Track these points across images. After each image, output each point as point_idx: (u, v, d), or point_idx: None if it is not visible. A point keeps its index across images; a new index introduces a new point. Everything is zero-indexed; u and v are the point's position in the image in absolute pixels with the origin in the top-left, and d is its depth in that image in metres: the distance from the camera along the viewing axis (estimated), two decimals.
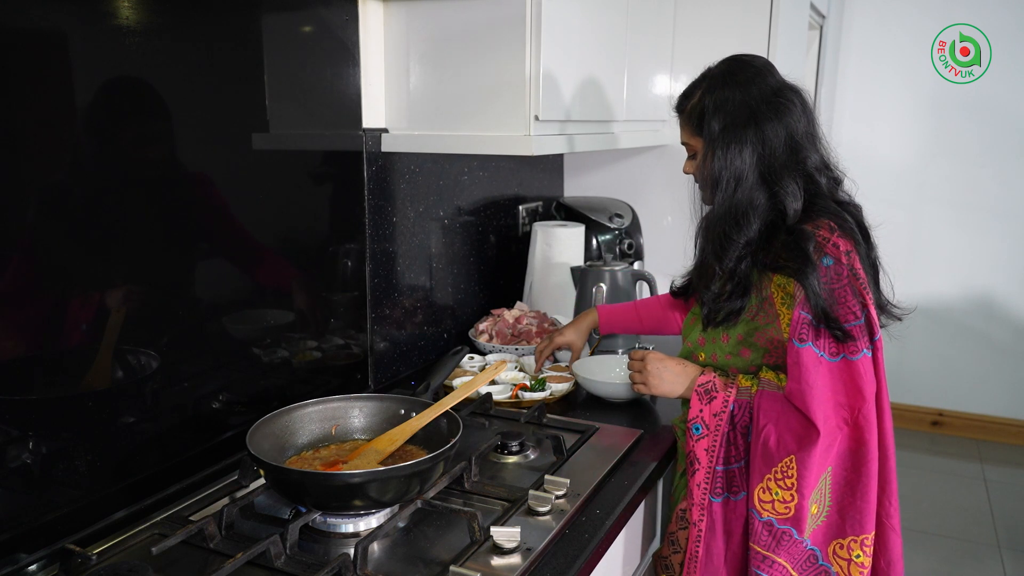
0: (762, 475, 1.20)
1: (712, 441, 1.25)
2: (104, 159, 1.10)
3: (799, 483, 1.16)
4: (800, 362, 1.17)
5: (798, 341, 1.18)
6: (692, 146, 1.32)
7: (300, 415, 1.26)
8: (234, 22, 1.27)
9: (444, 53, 1.59)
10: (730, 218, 1.23)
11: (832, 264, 1.18)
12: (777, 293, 1.23)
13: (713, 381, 1.27)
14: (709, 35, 2.28)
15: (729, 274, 1.26)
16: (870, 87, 3.69)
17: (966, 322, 3.76)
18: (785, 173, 1.22)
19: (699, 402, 1.27)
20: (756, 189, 1.23)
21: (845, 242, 1.20)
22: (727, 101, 1.24)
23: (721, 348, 1.32)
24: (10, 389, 1.01)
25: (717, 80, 1.27)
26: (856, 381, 1.17)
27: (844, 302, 1.17)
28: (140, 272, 1.16)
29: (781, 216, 1.23)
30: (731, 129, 1.23)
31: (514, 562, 1.01)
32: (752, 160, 1.22)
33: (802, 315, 1.18)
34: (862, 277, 1.19)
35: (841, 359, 1.18)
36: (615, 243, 2.25)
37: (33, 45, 0.98)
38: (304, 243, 1.50)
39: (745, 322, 1.28)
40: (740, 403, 1.25)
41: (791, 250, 1.19)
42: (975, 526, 3.04)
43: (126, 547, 1.06)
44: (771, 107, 1.23)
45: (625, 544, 1.33)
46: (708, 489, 1.25)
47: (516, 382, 1.66)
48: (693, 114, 1.29)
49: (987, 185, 3.63)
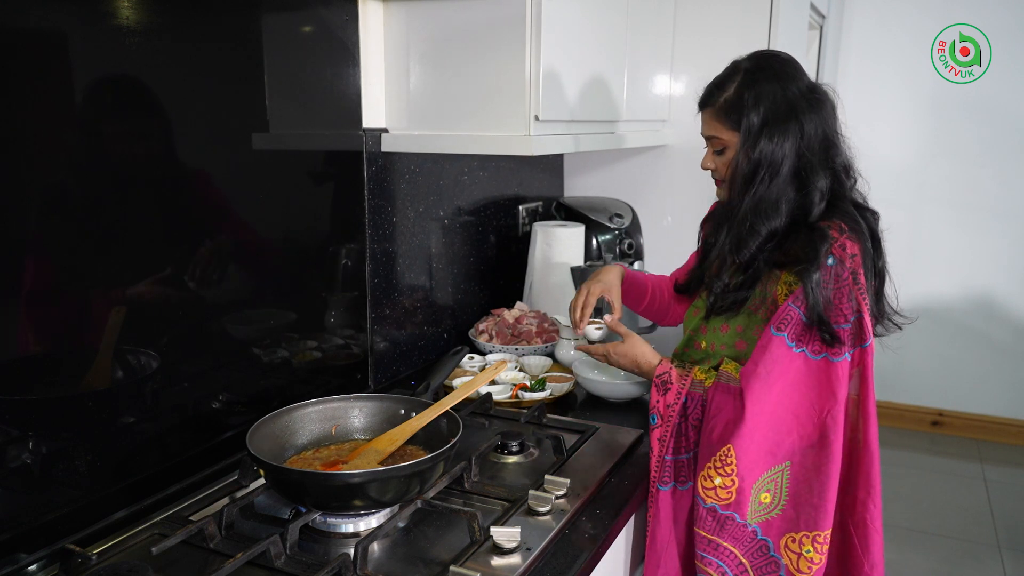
0: (704, 463, 1.22)
1: (664, 431, 1.28)
2: (105, 159, 1.09)
3: (738, 467, 1.18)
4: (768, 348, 1.20)
5: (775, 329, 1.20)
6: (721, 140, 1.30)
7: (300, 415, 1.26)
8: (234, 22, 1.27)
9: (444, 53, 1.59)
10: (760, 210, 1.24)
11: (835, 264, 1.19)
12: (782, 290, 1.24)
13: (669, 373, 1.30)
14: (709, 35, 2.28)
15: (743, 265, 1.27)
16: (870, 87, 3.69)
17: (966, 322, 3.76)
18: (818, 169, 1.23)
19: (656, 392, 1.30)
20: (788, 184, 1.24)
21: (852, 244, 1.20)
22: (768, 95, 1.23)
23: (719, 337, 1.34)
24: (10, 389, 1.01)
25: (754, 74, 1.26)
26: (831, 383, 1.19)
27: (838, 304, 1.18)
28: (140, 272, 1.16)
29: (804, 214, 1.24)
30: (774, 122, 1.22)
31: (514, 562, 1.01)
32: (792, 154, 1.22)
33: (790, 308, 1.20)
34: (862, 283, 1.20)
35: (822, 358, 1.19)
36: (615, 243, 2.25)
37: (33, 45, 0.98)
38: (304, 243, 1.50)
39: (747, 314, 1.30)
40: (692, 395, 1.27)
41: (806, 248, 1.20)
42: (975, 526, 3.04)
43: (126, 547, 1.06)
44: (809, 103, 1.23)
45: (625, 544, 1.33)
46: (657, 477, 1.28)
47: (516, 382, 1.66)
48: (728, 107, 1.27)
49: (987, 185, 3.63)
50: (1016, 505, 3.21)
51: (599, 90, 1.81)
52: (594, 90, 1.78)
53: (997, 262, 3.67)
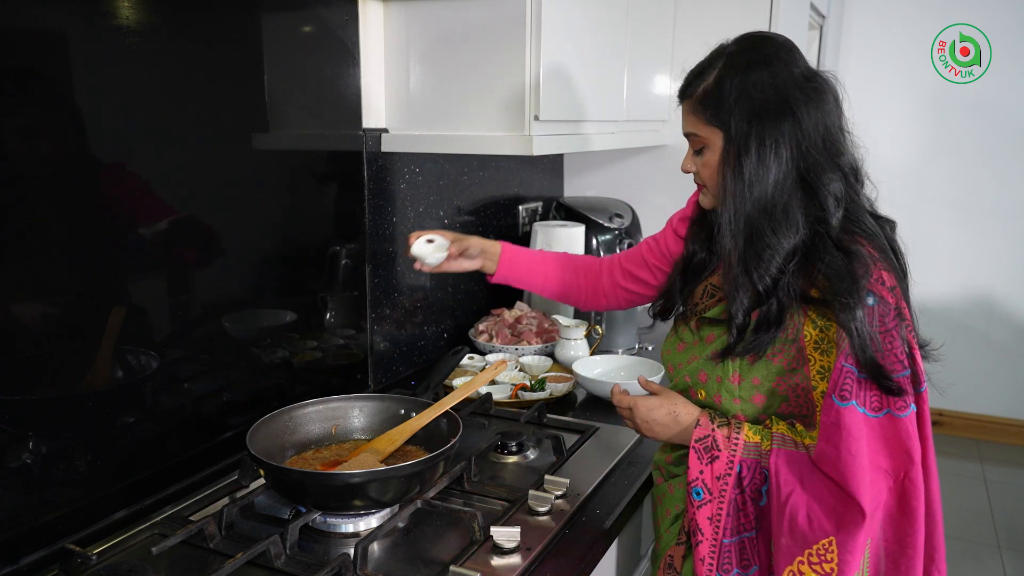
0: (793, 556, 0.99)
1: (717, 508, 1.04)
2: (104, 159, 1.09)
3: (840, 568, 0.96)
4: (842, 424, 0.95)
5: (840, 399, 0.96)
6: (701, 138, 1.07)
7: (300, 415, 1.26)
8: (234, 22, 1.27)
9: (444, 53, 1.59)
10: (773, 218, 1.00)
11: (877, 304, 0.96)
12: (811, 334, 1.01)
13: (713, 436, 1.05)
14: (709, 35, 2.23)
15: (765, 294, 1.01)
16: (870, 87, 3.69)
17: (966, 322, 3.75)
18: (827, 170, 1.01)
19: (698, 462, 1.05)
20: (795, 189, 1.01)
21: (889, 276, 0.99)
22: (754, 85, 1.00)
23: (729, 390, 1.08)
24: (10, 389, 1.01)
25: (738, 58, 1.04)
26: (904, 441, 0.97)
27: (891, 349, 0.97)
28: (140, 272, 1.16)
29: (824, 226, 1.00)
30: (762, 121, 1.00)
31: (514, 562, 1.01)
32: (790, 162, 1.00)
33: (845, 368, 0.96)
34: (908, 318, 1.00)
35: (885, 415, 0.97)
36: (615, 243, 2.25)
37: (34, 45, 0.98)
38: (304, 243, 1.50)
39: (765, 363, 1.05)
40: (747, 463, 1.03)
41: (840, 277, 0.97)
42: (975, 526, 3.04)
43: (126, 547, 1.06)
44: (805, 93, 1.00)
45: (625, 544, 1.33)
46: (715, 565, 1.05)
47: (516, 382, 1.66)
48: (706, 99, 1.04)
49: (987, 185, 3.63)
50: (1016, 505, 3.21)
51: (599, 90, 1.81)
52: (594, 90, 1.78)
53: (997, 262, 3.66)
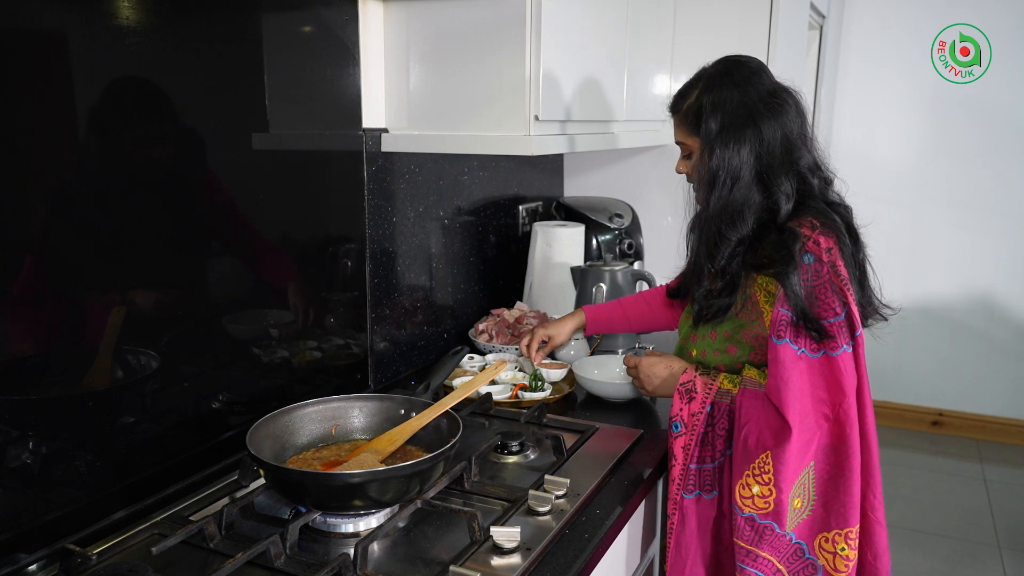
0: (741, 471, 1.22)
1: (688, 439, 1.28)
2: (104, 159, 1.09)
3: (776, 478, 1.18)
4: (777, 358, 1.19)
5: (776, 338, 1.20)
6: (688, 146, 1.34)
7: (300, 415, 1.26)
8: (234, 22, 1.27)
9: (444, 53, 1.59)
10: (726, 216, 1.25)
11: (812, 262, 1.19)
12: (760, 292, 1.26)
13: (694, 381, 1.30)
14: (709, 35, 2.28)
15: (720, 272, 1.28)
16: (870, 87, 3.69)
17: (966, 322, 3.76)
18: (780, 173, 1.25)
19: (680, 400, 1.30)
20: (752, 188, 1.25)
21: (826, 239, 1.21)
22: (725, 101, 1.26)
23: (710, 344, 1.35)
24: (10, 389, 1.01)
25: (714, 80, 1.29)
26: (837, 377, 1.19)
27: (824, 299, 1.18)
28: (140, 272, 1.16)
29: (772, 216, 1.25)
30: (730, 128, 1.25)
31: (514, 562, 1.01)
32: (750, 159, 1.24)
33: (781, 312, 1.19)
34: (843, 274, 1.20)
35: (822, 355, 1.19)
36: (615, 243, 2.25)
37: (34, 45, 0.98)
38: (304, 243, 1.50)
39: (731, 319, 1.30)
40: (718, 405, 1.27)
41: (778, 249, 1.21)
42: (975, 526, 3.04)
43: (126, 547, 1.06)
44: (768, 107, 1.25)
45: (625, 544, 1.33)
46: (681, 486, 1.28)
47: (516, 382, 1.66)
48: (689, 113, 1.31)
49: (987, 185, 3.63)
50: (1016, 505, 3.21)
51: (599, 90, 1.81)
52: (594, 90, 1.78)
53: (997, 262, 3.67)
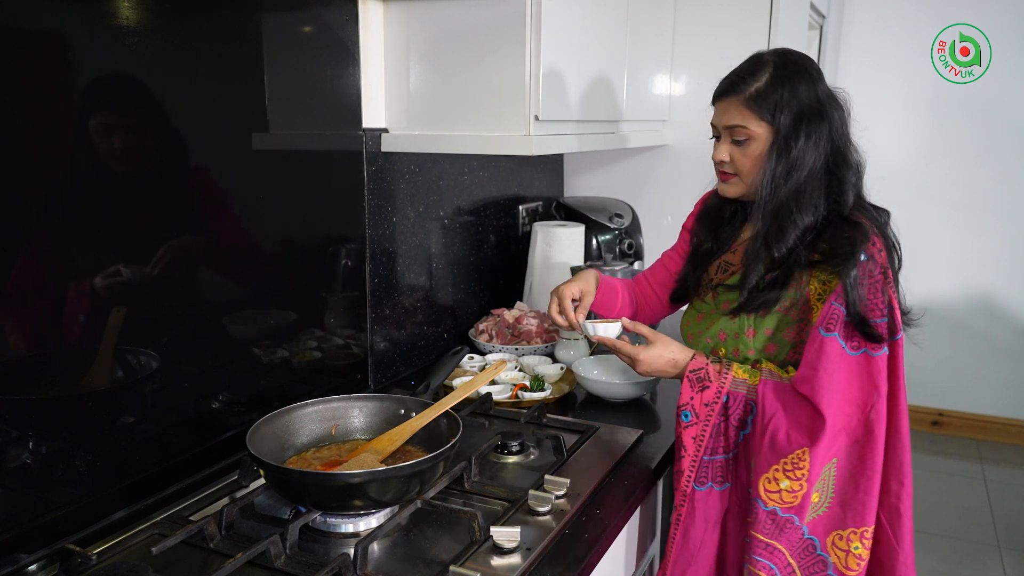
0: (769, 465, 1.19)
1: (701, 430, 1.26)
2: (104, 159, 1.09)
3: (810, 472, 1.17)
4: (823, 350, 1.18)
5: (824, 330, 1.18)
6: (748, 130, 1.27)
7: (300, 415, 1.26)
8: (234, 22, 1.27)
9: (444, 53, 1.59)
10: (801, 202, 1.25)
11: (867, 261, 1.20)
12: (816, 289, 1.24)
13: (706, 368, 1.27)
14: (709, 35, 2.28)
15: (779, 261, 1.26)
16: (870, 87, 3.69)
17: (966, 322, 3.75)
18: (844, 168, 1.27)
19: (690, 389, 1.27)
20: (822, 180, 1.26)
21: (879, 240, 1.23)
22: (803, 92, 1.25)
23: (745, 343, 1.31)
24: (10, 389, 1.01)
25: (788, 70, 1.27)
26: (874, 377, 1.18)
27: (873, 299, 1.19)
28: (140, 272, 1.16)
29: (837, 208, 1.25)
30: (810, 119, 1.24)
31: (514, 562, 1.01)
32: (824, 152, 1.25)
33: (835, 307, 1.19)
34: (891, 277, 1.22)
35: (862, 354, 1.18)
36: (615, 243, 2.25)
37: (34, 45, 0.98)
38: (304, 243, 1.50)
39: (776, 315, 1.28)
40: (734, 395, 1.24)
41: (842, 245, 1.21)
42: (975, 526, 3.04)
43: (126, 547, 1.06)
44: (833, 105, 1.27)
45: (625, 544, 1.33)
46: (692, 477, 1.26)
47: (516, 382, 1.66)
48: (760, 97, 1.26)
49: (987, 185, 3.62)
50: (1016, 505, 3.21)
51: (599, 90, 1.81)
52: (594, 90, 1.78)
53: (997, 262, 3.66)
